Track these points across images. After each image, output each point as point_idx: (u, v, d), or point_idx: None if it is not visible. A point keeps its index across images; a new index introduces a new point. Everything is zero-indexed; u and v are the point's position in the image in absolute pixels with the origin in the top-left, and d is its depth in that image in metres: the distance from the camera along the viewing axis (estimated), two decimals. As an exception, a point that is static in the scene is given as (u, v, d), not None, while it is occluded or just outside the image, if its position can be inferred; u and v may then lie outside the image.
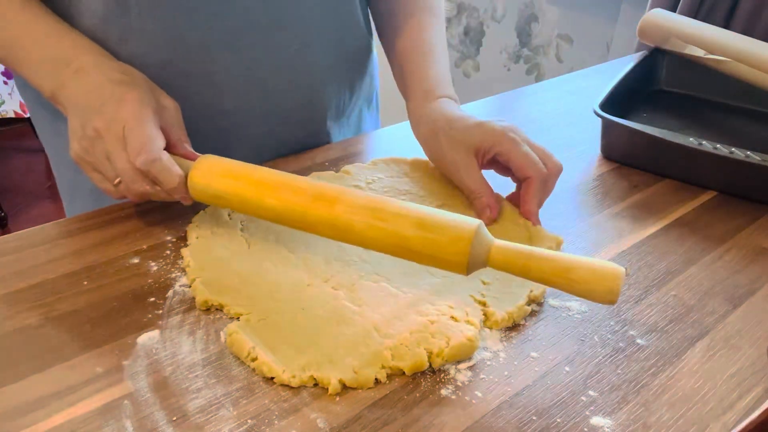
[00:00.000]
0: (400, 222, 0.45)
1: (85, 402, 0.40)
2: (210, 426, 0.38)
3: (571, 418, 0.40)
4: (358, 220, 0.46)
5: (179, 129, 0.54)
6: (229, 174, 0.51)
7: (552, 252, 0.42)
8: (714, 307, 0.50)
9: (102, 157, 0.51)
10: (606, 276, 0.39)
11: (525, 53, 2.02)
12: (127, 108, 0.50)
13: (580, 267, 0.40)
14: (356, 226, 0.46)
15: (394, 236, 0.45)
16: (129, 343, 0.44)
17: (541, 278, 0.42)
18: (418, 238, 0.44)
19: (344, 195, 0.47)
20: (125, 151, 0.49)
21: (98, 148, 0.50)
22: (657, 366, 0.45)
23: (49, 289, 0.49)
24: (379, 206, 0.46)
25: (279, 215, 0.49)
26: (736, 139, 0.70)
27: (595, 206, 0.64)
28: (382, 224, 0.45)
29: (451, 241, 0.43)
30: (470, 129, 0.58)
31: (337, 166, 0.68)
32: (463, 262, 0.43)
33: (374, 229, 0.46)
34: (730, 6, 1.31)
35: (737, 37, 0.84)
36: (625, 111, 0.77)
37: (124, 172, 0.49)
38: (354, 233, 0.46)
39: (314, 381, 0.42)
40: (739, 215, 0.63)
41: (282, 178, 0.50)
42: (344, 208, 0.47)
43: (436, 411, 0.40)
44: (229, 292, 0.48)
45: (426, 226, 0.44)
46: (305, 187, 0.49)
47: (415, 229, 0.44)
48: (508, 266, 0.42)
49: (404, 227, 0.45)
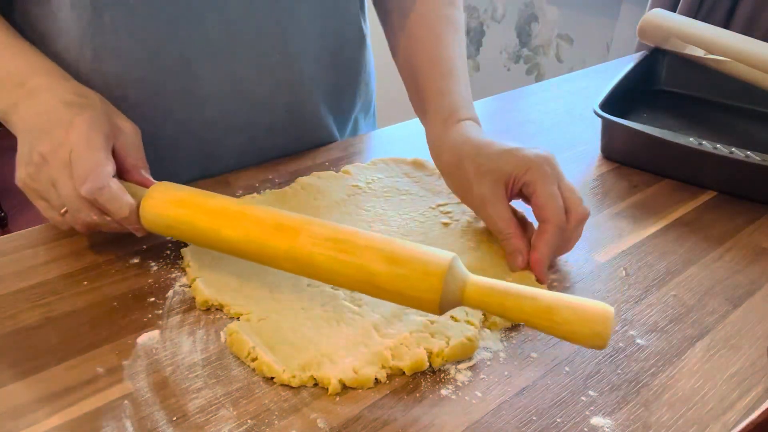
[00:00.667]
0: (367, 255, 0.41)
1: (85, 402, 0.40)
2: (210, 426, 0.38)
3: (571, 418, 0.40)
4: (320, 253, 0.42)
5: (137, 153, 0.51)
6: (183, 203, 0.47)
7: (534, 290, 0.39)
8: (714, 307, 0.50)
9: (48, 184, 0.47)
10: (593, 318, 0.36)
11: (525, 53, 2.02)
12: (76, 132, 0.47)
13: (564, 307, 0.37)
14: (318, 259, 0.43)
15: (360, 271, 0.41)
16: (129, 343, 0.44)
17: (521, 318, 0.38)
18: (387, 273, 0.40)
19: (308, 225, 0.44)
20: (71, 178, 0.46)
21: (44, 175, 0.47)
22: (657, 366, 0.44)
23: (49, 289, 0.49)
24: (344, 238, 0.43)
25: (236, 247, 0.46)
26: (736, 139, 0.70)
27: (595, 206, 0.64)
28: (347, 258, 0.42)
29: (421, 276, 0.40)
30: (501, 155, 0.52)
31: (337, 166, 0.68)
32: (435, 300, 0.39)
33: (338, 263, 0.42)
34: (730, 6, 1.31)
35: (737, 37, 0.84)
36: (625, 111, 0.77)
37: (70, 200, 0.46)
38: (316, 267, 0.43)
39: (314, 381, 0.42)
40: (739, 215, 0.63)
41: (241, 208, 0.46)
42: (307, 240, 0.43)
43: (436, 411, 0.40)
44: (229, 292, 0.48)
45: (395, 260, 0.40)
46: (266, 217, 0.45)
47: (384, 264, 0.41)
48: (485, 304, 0.39)
49: (372, 261, 0.41)
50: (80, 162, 0.46)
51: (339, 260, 0.42)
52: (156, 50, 0.58)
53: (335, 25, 0.69)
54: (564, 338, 0.37)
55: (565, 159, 0.73)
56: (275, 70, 0.65)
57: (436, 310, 0.40)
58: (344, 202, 0.61)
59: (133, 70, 0.58)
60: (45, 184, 0.47)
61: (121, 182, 0.49)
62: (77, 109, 0.48)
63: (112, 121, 0.50)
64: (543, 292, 0.38)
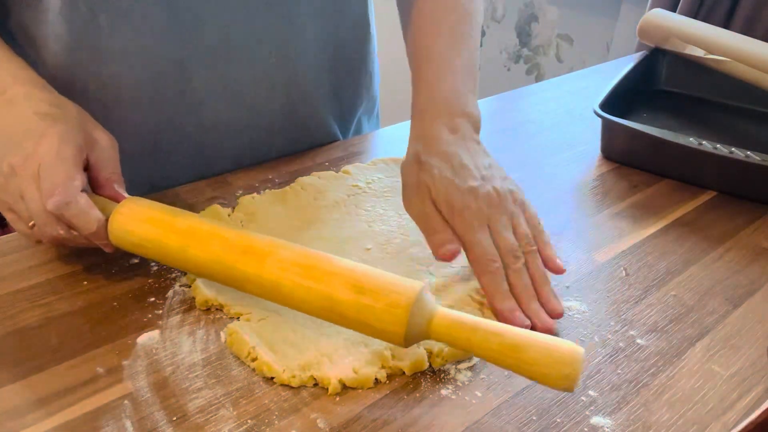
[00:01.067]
0: (333, 282, 0.40)
1: (85, 402, 0.40)
2: (210, 426, 0.38)
3: (571, 418, 0.40)
4: (286, 278, 0.41)
5: (112, 167, 0.50)
6: (152, 220, 0.46)
7: (503, 326, 0.38)
8: (714, 307, 0.50)
9: (16, 196, 0.46)
10: (562, 359, 0.35)
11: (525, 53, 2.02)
12: (46, 144, 0.45)
13: (531, 346, 0.36)
14: (284, 285, 0.42)
15: (324, 299, 0.40)
16: (129, 343, 0.44)
17: (487, 355, 0.37)
18: (351, 302, 0.39)
19: (278, 249, 0.43)
20: (38, 191, 0.45)
21: (12, 186, 0.46)
22: (657, 366, 0.45)
23: (49, 289, 0.49)
24: (312, 263, 0.42)
25: (202, 268, 0.45)
26: (736, 139, 0.70)
27: (595, 206, 0.64)
28: (312, 284, 0.41)
29: (386, 307, 0.39)
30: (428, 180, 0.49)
31: (337, 166, 0.68)
32: (400, 333, 0.38)
33: (303, 289, 0.41)
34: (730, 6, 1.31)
35: (737, 37, 0.84)
36: (625, 111, 0.77)
37: (37, 214, 0.45)
38: (283, 293, 0.42)
39: (314, 381, 0.42)
40: (739, 215, 0.63)
41: (210, 228, 0.45)
42: (274, 264, 0.42)
43: (436, 411, 0.40)
44: (229, 292, 0.48)
45: (362, 288, 0.39)
46: (235, 239, 0.44)
47: (349, 292, 0.40)
48: (451, 338, 0.38)
49: (336, 289, 0.40)
50: (48, 175, 0.45)
51: (304, 286, 0.41)
52: (150, 53, 0.58)
53: (336, 27, 0.68)
54: (531, 378, 0.36)
55: (565, 159, 0.73)
56: (272, 73, 0.65)
57: (402, 342, 0.39)
58: (344, 202, 0.61)
59: (129, 72, 0.58)
60: (14, 195, 0.46)
61: (91, 196, 0.48)
62: (50, 121, 0.47)
63: (87, 134, 0.49)
64: (512, 329, 0.37)
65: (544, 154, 0.74)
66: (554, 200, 0.64)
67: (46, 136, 0.46)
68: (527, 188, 0.66)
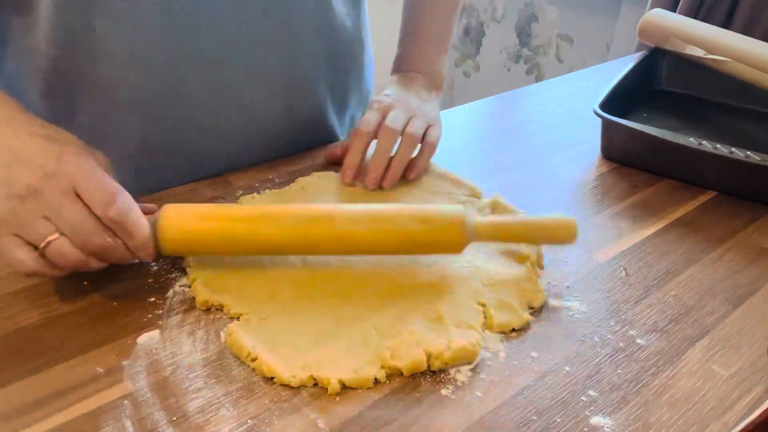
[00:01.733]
0: (401, 221, 0.49)
1: (84, 402, 0.40)
2: (210, 426, 0.38)
3: (571, 418, 0.40)
4: (359, 228, 0.49)
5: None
6: (205, 216, 0.48)
7: (522, 217, 0.55)
8: (714, 307, 0.50)
9: (31, 217, 0.44)
10: (565, 223, 0.50)
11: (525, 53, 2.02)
12: (70, 161, 0.45)
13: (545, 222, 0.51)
14: (359, 233, 0.49)
15: (399, 234, 0.49)
16: (129, 343, 0.44)
17: (520, 238, 0.53)
18: (422, 231, 0.49)
19: (338, 210, 0.50)
20: (76, 203, 0.44)
21: (29, 208, 0.44)
22: (657, 366, 0.45)
23: (49, 289, 0.49)
24: (376, 213, 0.50)
25: (275, 245, 0.49)
26: (736, 139, 0.70)
27: (595, 206, 0.64)
28: (385, 226, 0.49)
29: (449, 227, 0.49)
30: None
31: (337, 166, 0.68)
32: (462, 242, 0.50)
33: (378, 232, 0.49)
34: (730, 6, 1.31)
35: (737, 37, 0.84)
36: (625, 111, 0.77)
37: (81, 225, 0.44)
38: (357, 242, 0.49)
39: (314, 381, 0.42)
40: (739, 215, 0.63)
41: (266, 210, 0.50)
42: (343, 222, 0.49)
43: (436, 411, 0.40)
44: (229, 292, 0.48)
45: (426, 219, 0.49)
46: (296, 212, 0.50)
47: (418, 224, 0.49)
48: (494, 235, 0.51)
49: (408, 224, 0.49)
50: (95, 188, 0.44)
51: (379, 230, 0.49)
52: (145, 57, 0.58)
53: (332, 25, 0.68)
54: (549, 242, 0.52)
55: (564, 159, 0.73)
56: (268, 77, 0.65)
57: (459, 250, 0.50)
58: (344, 202, 0.61)
59: (124, 75, 0.58)
60: (25, 218, 0.44)
61: None
62: (57, 143, 0.46)
63: (90, 153, 0.48)
64: (529, 219, 0.53)
65: (544, 154, 0.74)
66: (554, 200, 0.64)
67: (66, 154, 0.45)
68: (527, 188, 0.66)
